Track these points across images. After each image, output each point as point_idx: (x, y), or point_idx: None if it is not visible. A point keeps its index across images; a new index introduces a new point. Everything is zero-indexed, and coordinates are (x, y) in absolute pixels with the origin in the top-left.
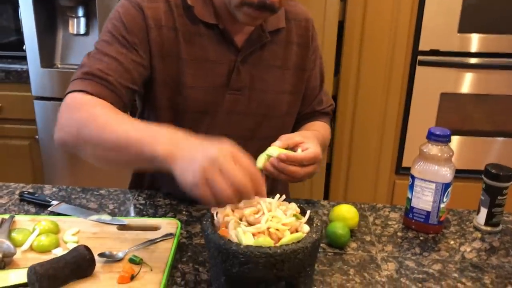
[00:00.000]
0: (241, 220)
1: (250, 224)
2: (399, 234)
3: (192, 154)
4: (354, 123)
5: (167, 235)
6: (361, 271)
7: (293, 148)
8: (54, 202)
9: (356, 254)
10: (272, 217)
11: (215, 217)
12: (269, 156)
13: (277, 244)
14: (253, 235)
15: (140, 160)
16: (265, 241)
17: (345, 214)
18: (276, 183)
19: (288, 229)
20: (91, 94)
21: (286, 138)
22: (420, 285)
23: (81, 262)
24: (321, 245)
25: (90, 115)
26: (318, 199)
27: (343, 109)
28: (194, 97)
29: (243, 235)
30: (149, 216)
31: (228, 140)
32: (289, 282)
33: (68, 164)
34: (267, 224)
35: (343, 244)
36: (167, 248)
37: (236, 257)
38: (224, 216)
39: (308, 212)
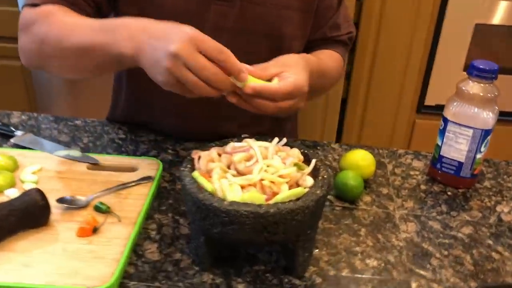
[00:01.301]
0: (229, 168)
1: (240, 173)
2: (423, 187)
3: (154, 53)
4: (375, 54)
5: (144, 178)
6: (374, 231)
7: (270, 80)
8: (19, 133)
9: (370, 210)
10: (267, 166)
11: (196, 163)
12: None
13: (271, 202)
14: (242, 188)
15: (108, 62)
16: (254, 197)
17: (359, 161)
18: (285, 122)
19: (287, 182)
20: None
21: (261, 69)
22: (445, 252)
23: (32, 209)
24: (328, 197)
25: (47, 28)
26: (330, 140)
27: (365, 37)
28: (169, 9)
29: (229, 188)
30: (129, 154)
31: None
32: (284, 246)
33: (65, 88)
34: (260, 174)
35: (355, 197)
36: (143, 194)
37: (217, 216)
38: (208, 162)
39: (314, 161)
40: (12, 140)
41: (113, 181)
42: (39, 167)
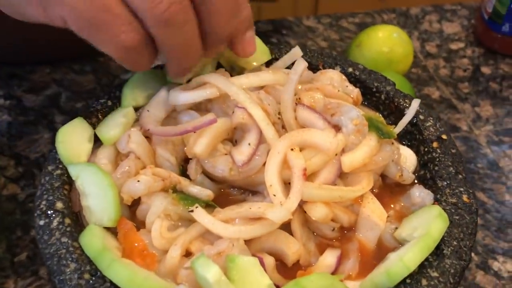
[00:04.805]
0: (186, 175)
1: (215, 183)
2: (485, 70)
3: None
4: None
5: None
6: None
7: None
8: None
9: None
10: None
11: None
12: None
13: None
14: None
15: None
16: None
17: (393, 50)
18: None
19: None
20: None
21: None
22: None
23: None
24: None
25: None
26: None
27: None
28: None
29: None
30: None
31: None
32: None
33: None
34: (296, 194)
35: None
36: None
37: None
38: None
39: (416, 103)
40: None
41: None
42: None
